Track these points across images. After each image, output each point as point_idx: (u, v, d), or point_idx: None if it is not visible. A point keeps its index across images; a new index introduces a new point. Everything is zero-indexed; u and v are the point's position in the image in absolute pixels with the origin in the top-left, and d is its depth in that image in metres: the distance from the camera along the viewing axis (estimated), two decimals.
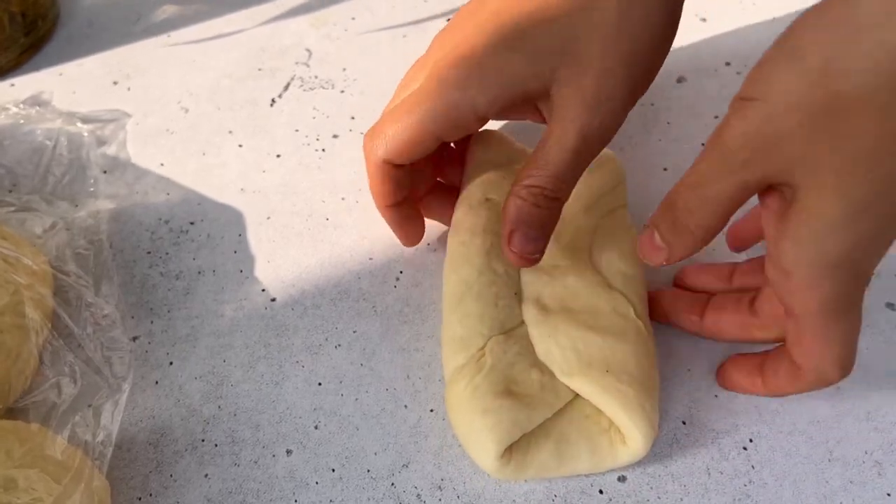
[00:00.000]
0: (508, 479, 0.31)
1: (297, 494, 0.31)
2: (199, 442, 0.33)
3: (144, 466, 0.32)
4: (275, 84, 0.46)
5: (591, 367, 0.30)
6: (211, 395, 0.34)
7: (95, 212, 0.39)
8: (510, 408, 0.29)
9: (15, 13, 0.45)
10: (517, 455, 0.30)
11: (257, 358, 0.35)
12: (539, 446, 0.30)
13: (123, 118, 0.44)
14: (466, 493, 0.31)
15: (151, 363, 0.35)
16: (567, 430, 0.30)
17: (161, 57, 0.48)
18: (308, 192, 0.41)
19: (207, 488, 0.31)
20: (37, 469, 0.28)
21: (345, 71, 0.46)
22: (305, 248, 0.39)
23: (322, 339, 0.35)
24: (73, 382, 0.33)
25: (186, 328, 0.36)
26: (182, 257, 0.38)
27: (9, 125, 0.43)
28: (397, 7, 0.50)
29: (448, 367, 0.31)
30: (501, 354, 0.31)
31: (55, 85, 0.46)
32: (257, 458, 0.32)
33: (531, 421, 0.30)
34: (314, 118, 0.44)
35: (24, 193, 0.40)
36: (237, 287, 0.37)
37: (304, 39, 0.48)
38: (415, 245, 0.37)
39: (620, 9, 0.29)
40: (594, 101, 0.29)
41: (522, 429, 0.29)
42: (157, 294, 0.37)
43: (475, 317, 0.31)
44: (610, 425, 0.30)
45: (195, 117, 0.44)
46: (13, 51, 0.46)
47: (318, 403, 0.34)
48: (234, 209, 0.40)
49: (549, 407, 0.30)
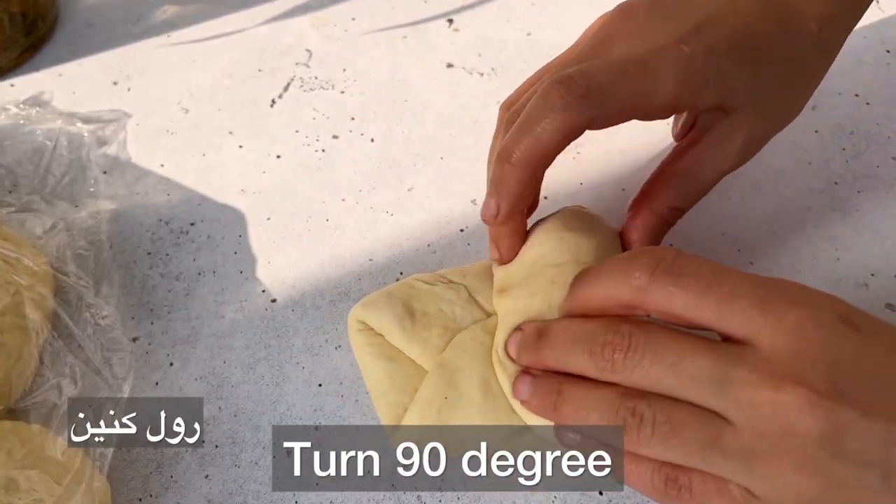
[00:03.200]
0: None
1: (298, 495, 0.31)
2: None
3: (145, 467, 0.32)
4: (275, 84, 0.46)
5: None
6: (211, 396, 0.34)
7: (96, 212, 0.39)
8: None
9: (15, 13, 0.45)
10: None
11: (257, 359, 0.35)
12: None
13: (123, 118, 0.44)
14: (466, 494, 0.31)
15: (151, 364, 0.35)
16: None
17: (161, 57, 0.48)
18: (308, 192, 0.41)
19: (208, 489, 0.31)
20: (38, 470, 0.28)
21: (345, 71, 0.46)
22: (305, 248, 0.39)
23: (322, 340, 0.36)
24: (74, 383, 0.33)
25: (187, 329, 0.36)
26: (182, 258, 0.38)
27: (9, 125, 0.43)
28: (397, 7, 0.50)
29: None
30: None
31: (55, 85, 0.46)
32: (257, 459, 0.32)
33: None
34: (314, 119, 0.44)
35: (25, 194, 0.40)
36: (237, 288, 0.37)
37: (305, 40, 0.48)
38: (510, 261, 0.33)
39: (800, 56, 0.30)
40: (758, 140, 0.30)
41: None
42: (157, 295, 0.37)
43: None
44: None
45: (195, 118, 0.44)
46: (13, 51, 0.46)
47: (318, 404, 0.34)
48: (234, 210, 0.40)
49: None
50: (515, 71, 0.46)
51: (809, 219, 0.39)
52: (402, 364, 0.31)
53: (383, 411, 0.31)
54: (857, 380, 0.22)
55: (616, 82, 0.28)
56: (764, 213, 0.39)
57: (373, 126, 0.44)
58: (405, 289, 0.32)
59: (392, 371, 0.31)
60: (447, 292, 0.32)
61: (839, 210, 0.39)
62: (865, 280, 0.37)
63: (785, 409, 0.21)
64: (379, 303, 0.32)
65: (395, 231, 0.39)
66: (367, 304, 0.32)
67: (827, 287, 0.36)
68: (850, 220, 0.39)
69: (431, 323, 0.31)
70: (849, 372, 0.22)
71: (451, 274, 0.33)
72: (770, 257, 0.38)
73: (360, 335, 0.32)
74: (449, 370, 0.30)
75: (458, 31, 0.48)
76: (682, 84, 0.28)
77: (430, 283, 0.32)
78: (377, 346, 0.31)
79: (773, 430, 0.22)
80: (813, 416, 0.21)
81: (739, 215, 0.39)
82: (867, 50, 0.46)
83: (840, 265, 0.37)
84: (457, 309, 0.31)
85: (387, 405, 0.30)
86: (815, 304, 0.23)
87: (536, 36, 0.48)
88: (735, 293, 0.23)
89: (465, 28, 0.48)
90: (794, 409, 0.21)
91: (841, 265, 0.37)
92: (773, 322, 0.22)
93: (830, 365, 0.22)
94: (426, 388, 0.30)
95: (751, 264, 0.37)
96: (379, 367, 0.31)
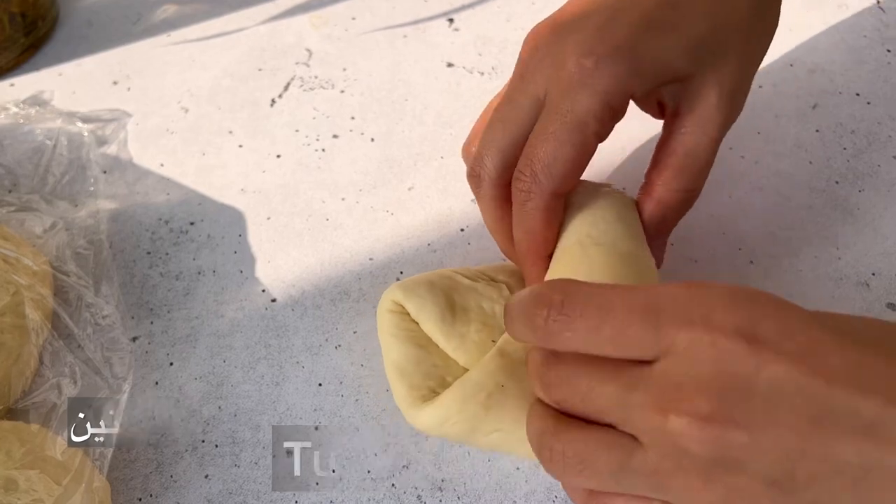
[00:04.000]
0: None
1: (298, 495, 0.31)
2: (200, 443, 0.33)
3: (145, 467, 0.32)
4: (275, 84, 0.46)
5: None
6: (211, 396, 0.34)
7: (95, 212, 0.39)
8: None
9: (15, 13, 0.45)
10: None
11: (257, 358, 0.35)
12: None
13: (123, 118, 0.44)
14: (466, 494, 0.31)
15: (151, 364, 0.35)
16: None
17: (161, 57, 0.48)
18: (308, 192, 0.41)
19: (208, 489, 0.31)
20: (37, 470, 0.28)
21: (345, 71, 0.46)
22: (305, 248, 0.39)
23: (322, 339, 0.35)
24: (73, 383, 0.33)
25: (186, 328, 0.36)
26: (182, 258, 0.38)
27: (9, 125, 0.43)
28: (397, 7, 0.50)
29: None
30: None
31: (55, 85, 0.46)
32: (257, 459, 0.32)
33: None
34: (314, 118, 0.44)
35: (24, 193, 0.40)
36: (237, 287, 0.37)
37: (305, 39, 0.48)
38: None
39: (750, 4, 0.29)
40: (731, 93, 0.29)
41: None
42: (157, 294, 0.37)
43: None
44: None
45: (195, 117, 0.44)
46: (13, 51, 0.46)
47: (318, 404, 0.34)
48: (234, 209, 0.40)
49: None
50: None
51: (810, 218, 0.39)
52: (431, 353, 0.31)
53: (402, 392, 0.30)
54: (750, 399, 0.21)
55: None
56: (764, 212, 0.39)
57: (373, 126, 0.44)
58: (446, 280, 0.32)
59: (420, 359, 0.31)
60: (488, 290, 0.32)
61: (840, 209, 0.39)
62: (866, 279, 0.37)
63: (673, 436, 0.21)
64: (420, 290, 0.31)
65: (395, 231, 0.39)
66: (408, 289, 0.31)
67: (828, 286, 0.36)
68: (851, 219, 0.39)
69: (471, 319, 0.31)
70: (741, 391, 0.21)
71: (492, 271, 0.33)
72: (770, 257, 0.38)
73: (392, 316, 0.32)
74: (511, 359, 0.29)
75: (459, 31, 0.48)
76: (601, 98, 0.28)
77: (472, 279, 0.32)
78: (408, 331, 0.31)
79: (672, 451, 0.22)
80: (700, 443, 0.21)
81: (740, 215, 0.39)
82: (867, 50, 0.46)
83: (841, 264, 0.37)
84: (497, 307, 0.31)
85: (408, 386, 0.30)
86: (712, 322, 0.22)
87: None
88: (626, 323, 0.23)
89: (465, 28, 0.48)
90: (682, 436, 0.21)
91: (842, 264, 0.37)
92: (665, 346, 0.22)
93: (721, 386, 0.21)
94: (478, 373, 0.29)
95: (751, 264, 0.37)
96: (406, 351, 0.31)
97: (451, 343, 0.31)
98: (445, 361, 0.31)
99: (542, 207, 0.29)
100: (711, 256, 0.37)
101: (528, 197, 0.29)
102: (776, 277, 0.37)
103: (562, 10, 0.31)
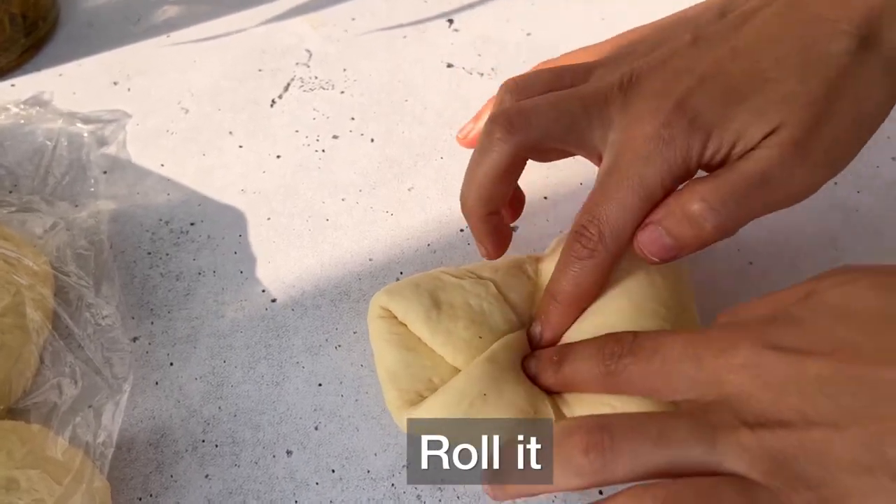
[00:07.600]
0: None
1: (298, 495, 0.31)
2: (200, 442, 0.33)
3: (145, 467, 0.32)
4: (275, 85, 0.46)
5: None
6: (211, 396, 0.34)
7: (96, 212, 0.39)
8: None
9: (15, 14, 0.45)
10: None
11: (258, 359, 0.35)
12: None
13: (124, 118, 0.44)
14: (466, 494, 0.31)
15: (152, 364, 0.35)
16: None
17: (161, 57, 0.48)
18: (308, 192, 0.41)
19: (208, 489, 0.31)
20: (38, 470, 0.28)
21: (345, 72, 0.46)
22: (306, 248, 0.39)
23: (322, 339, 0.36)
24: (74, 383, 0.33)
25: (187, 329, 0.36)
26: (182, 258, 0.38)
27: (9, 125, 0.43)
28: (397, 8, 0.50)
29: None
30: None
31: (55, 85, 0.46)
32: (258, 459, 0.32)
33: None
34: (314, 119, 0.44)
35: (25, 194, 0.40)
36: (237, 288, 0.37)
37: (305, 40, 0.48)
38: (501, 256, 0.35)
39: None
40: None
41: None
42: (157, 295, 0.37)
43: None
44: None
45: (195, 118, 0.44)
46: (13, 51, 0.46)
47: (318, 404, 0.34)
48: (234, 210, 0.40)
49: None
50: (515, 71, 0.45)
51: (809, 219, 0.39)
52: (420, 355, 0.31)
53: (392, 395, 0.30)
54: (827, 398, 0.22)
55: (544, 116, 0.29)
56: None
57: (373, 126, 0.44)
58: (432, 280, 0.32)
59: (410, 361, 0.31)
60: (476, 287, 0.32)
61: (839, 210, 0.39)
62: None
63: (765, 451, 0.22)
64: (405, 292, 0.32)
65: (395, 231, 0.39)
66: (393, 293, 0.32)
67: None
68: (850, 220, 0.39)
69: (458, 315, 0.31)
70: (813, 393, 0.22)
71: (479, 269, 0.33)
72: (770, 257, 0.38)
73: (381, 322, 0.32)
74: (498, 366, 0.30)
75: (458, 31, 0.48)
76: (671, 170, 0.28)
77: (459, 277, 0.32)
78: (398, 335, 0.31)
79: (771, 467, 0.22)
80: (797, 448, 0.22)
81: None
82: None
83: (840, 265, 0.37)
84: (485, 304, 0.31)
85: (397, 390, 0.30)
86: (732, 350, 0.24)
87: (536, 36, 0.48)
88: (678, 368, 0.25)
89: (465, 28, 0.49)
90: (773, 451, 0.22)
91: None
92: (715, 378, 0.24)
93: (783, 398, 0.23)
94: (462, 380, 0.29)
95: (751, 264, 0.37)
96: (396, 356, 0.31)
97: (437, 339, 0.31)
98: (434, 361, 0.31)
99: (603, 266, 0.29)
100: (710, 256, 0.38)
101: (591, 255, 0.29)
102: (775, 278, 0.37)
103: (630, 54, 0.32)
